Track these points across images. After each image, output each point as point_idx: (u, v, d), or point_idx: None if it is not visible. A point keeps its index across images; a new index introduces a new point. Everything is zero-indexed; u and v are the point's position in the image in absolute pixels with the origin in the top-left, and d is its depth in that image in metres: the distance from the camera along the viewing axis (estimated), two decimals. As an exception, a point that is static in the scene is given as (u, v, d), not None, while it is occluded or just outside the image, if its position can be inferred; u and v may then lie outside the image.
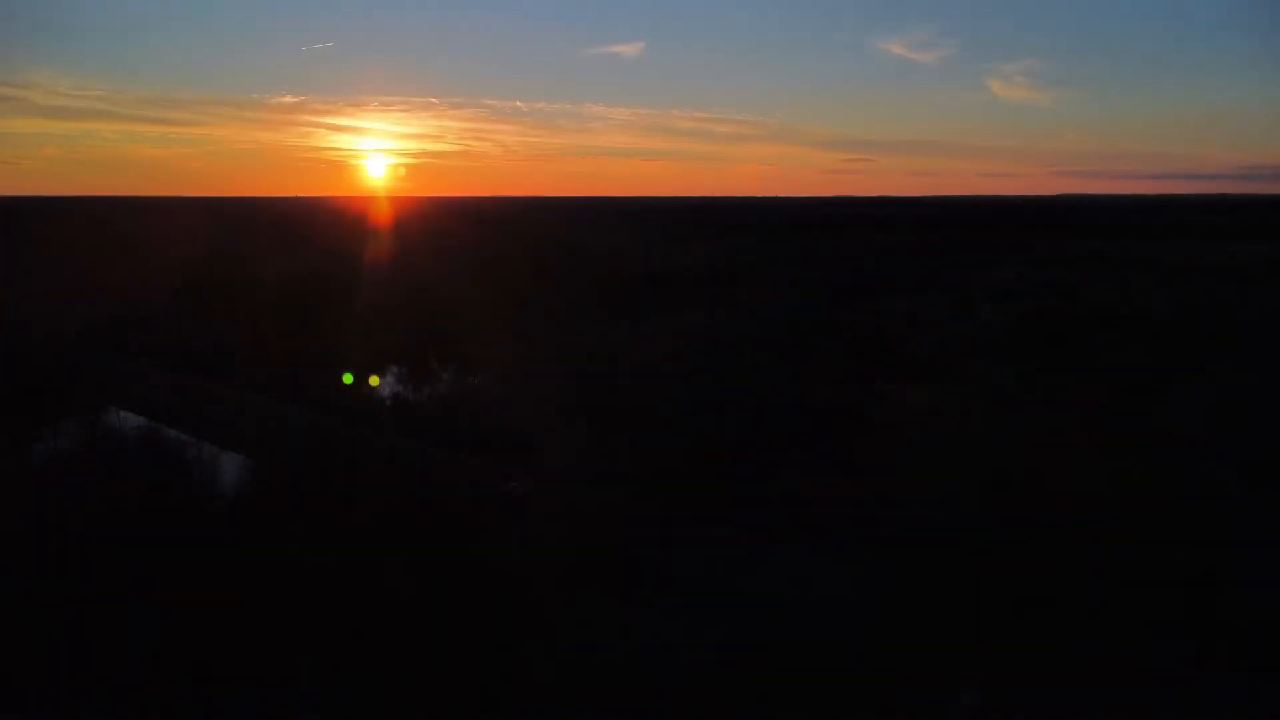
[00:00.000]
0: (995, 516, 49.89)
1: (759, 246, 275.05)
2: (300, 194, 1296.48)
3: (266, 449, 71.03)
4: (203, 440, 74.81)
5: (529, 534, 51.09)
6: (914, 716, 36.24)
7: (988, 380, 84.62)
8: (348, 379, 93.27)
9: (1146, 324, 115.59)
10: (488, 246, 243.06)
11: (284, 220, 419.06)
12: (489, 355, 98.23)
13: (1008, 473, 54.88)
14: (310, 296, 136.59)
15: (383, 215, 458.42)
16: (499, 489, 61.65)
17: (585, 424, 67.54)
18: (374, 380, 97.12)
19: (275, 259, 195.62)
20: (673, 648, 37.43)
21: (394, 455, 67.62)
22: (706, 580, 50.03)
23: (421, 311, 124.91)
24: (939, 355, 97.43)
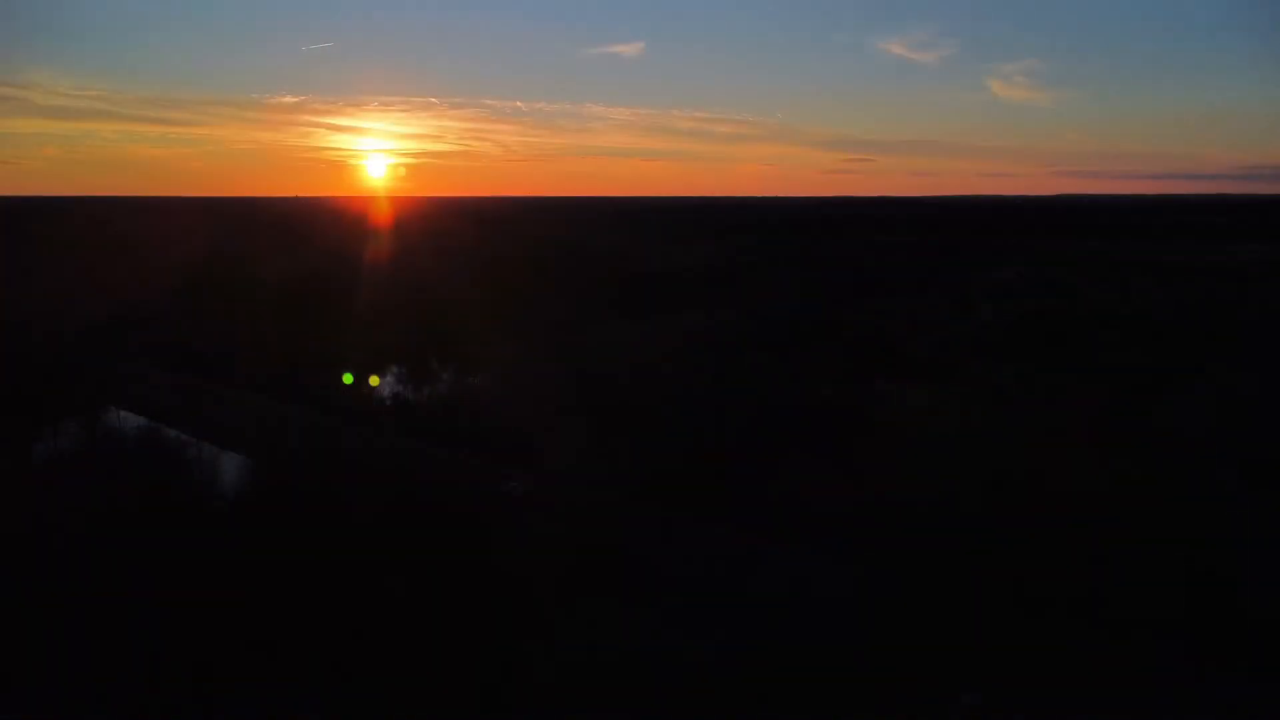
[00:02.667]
0: (995, 516, 49.95)
1: (759, 246, 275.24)
2: (300, 194, 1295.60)
3: (266, 449, 71.05)
4: (203, 440, 74.77)
5: (529, 534, 51.14)
6: (914, 716, 36.24)
7: (988, 380, 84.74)
8: (348, 379, 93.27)
9: (1146, 324, 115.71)
10: (488, 246, 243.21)
11: (284, 220, 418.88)
12: (489, 355, 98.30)
13: (1008, 473, 54.96)
14: (310, 296, 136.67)
15: (383, 215, 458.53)
16: (499, 489, 61.68)
17: (585, 424, 67.55)
18: (374, 380, 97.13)
19: (275, 259, 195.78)
20: (673, 648, 37.45)
21: (394, 455, 67.61)
22: (706, 580, 49.97)
23: (421, 311, 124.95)
24: (939, 355, 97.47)
